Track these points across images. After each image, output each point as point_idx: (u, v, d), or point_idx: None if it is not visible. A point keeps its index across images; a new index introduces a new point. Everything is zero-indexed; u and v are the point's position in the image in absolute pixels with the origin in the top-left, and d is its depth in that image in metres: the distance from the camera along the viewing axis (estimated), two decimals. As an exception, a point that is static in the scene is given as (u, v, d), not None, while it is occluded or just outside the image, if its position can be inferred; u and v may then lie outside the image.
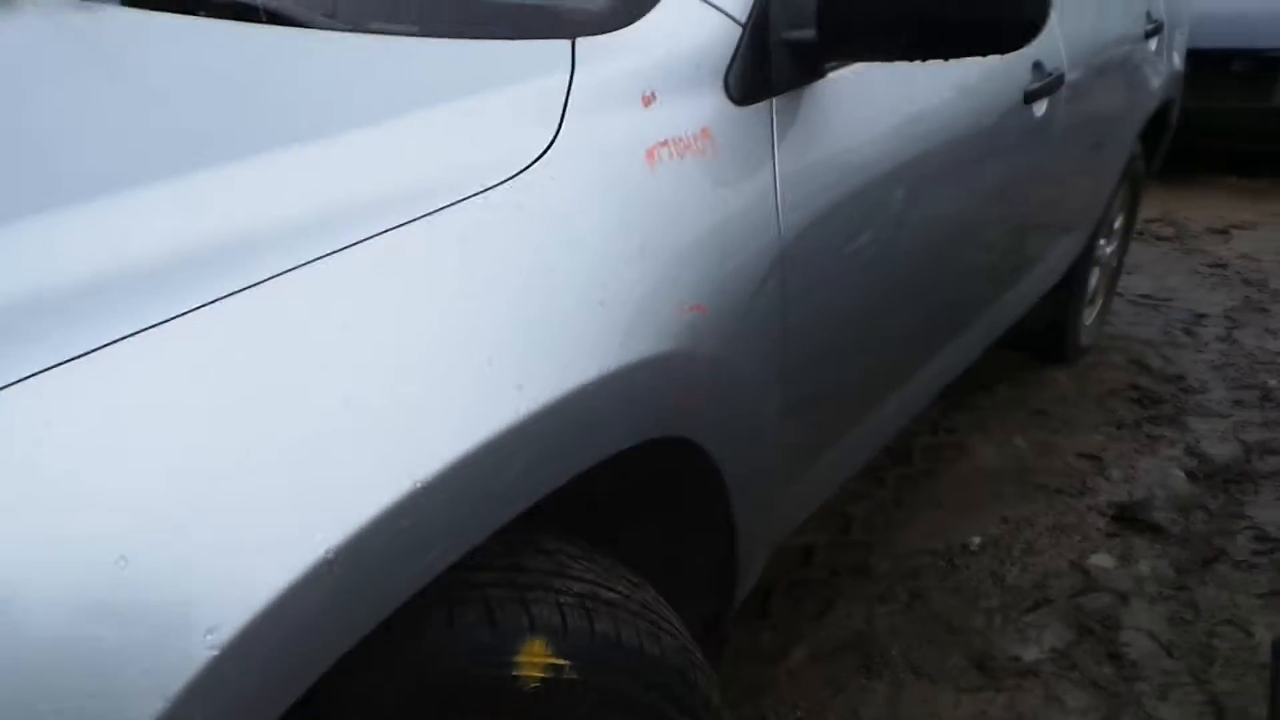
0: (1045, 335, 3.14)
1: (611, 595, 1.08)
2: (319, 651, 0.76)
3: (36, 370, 0.67)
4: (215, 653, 0.67)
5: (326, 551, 0.72)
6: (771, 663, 2.03)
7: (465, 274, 0.90)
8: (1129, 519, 2.48)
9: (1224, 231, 4.84)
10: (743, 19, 1.22)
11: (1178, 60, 3.26)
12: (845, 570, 2.30)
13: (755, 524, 1.39)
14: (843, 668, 2.01)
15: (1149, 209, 5.09)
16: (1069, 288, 2.97)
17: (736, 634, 2.09)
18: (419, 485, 0.79)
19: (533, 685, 0.97)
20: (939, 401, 3.04)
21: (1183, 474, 2.68)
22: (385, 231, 0.86)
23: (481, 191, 0.94)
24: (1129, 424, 2.97)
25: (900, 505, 2.56)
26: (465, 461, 0.82)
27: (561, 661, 0.99)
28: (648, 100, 1.11)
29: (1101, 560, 2.34)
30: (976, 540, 2.41)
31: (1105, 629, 2.11)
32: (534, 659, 0.97)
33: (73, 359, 0.69)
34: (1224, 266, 4.37)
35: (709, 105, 1.17)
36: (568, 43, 1.12)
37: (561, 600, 1.02)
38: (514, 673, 0.96)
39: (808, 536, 2.42)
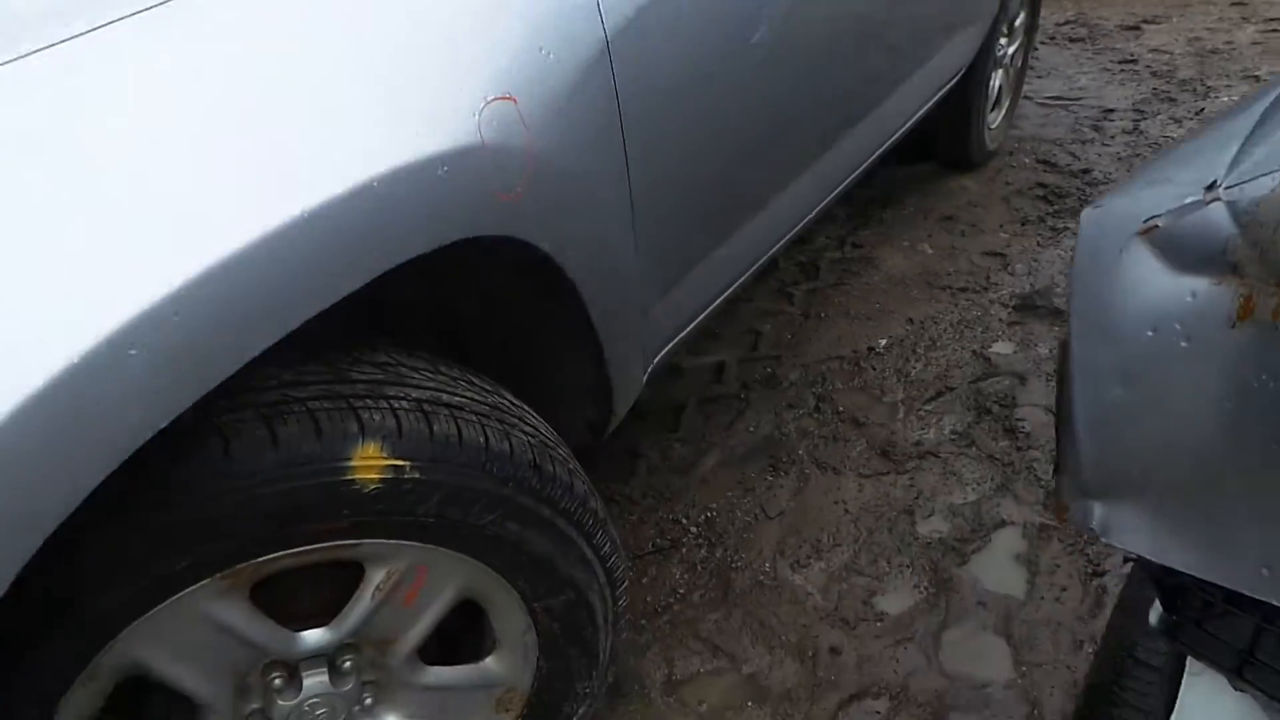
0: (949, 141, 3.08)
1: (455, 399, 1.06)
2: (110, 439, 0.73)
3: None
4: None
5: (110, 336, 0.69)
6: (683, 472, 2.05)
7: (247, 58, 0.84)
8: (1030, 307, 2.50)
9: (1135, 28, 4.73)
10: None
11: None
12: (755, 383, 2.32)
13: (621, 335, 1.37)
14: (751, 470, 2.04)
15: (1062, 11, 4.96)
16: (969, 90, 2.89)
17: (649, 449, 2.12)
18: (190, 282, 0.74)
19: (372, 487, 0.96)
20: (847, 219, 3.03)
21: (1081, 260, 2.69)
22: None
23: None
24: (1033, 220, 2.96)
25: (809, 318, 2.55)
26: (242, 258, 0.78)
27: (400, 462, 0.97)
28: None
29: (1002, 348, 2.37)
30: (883, 342, 2.42)
31: (1002, 408, 2.15)
32: (369, 462, 0.96)
33: None
34: (1134, 62, 4.28)
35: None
36: None
37: (396, 406, 0.99)
38: (349, 477, 0.95)
39: (719, 355, 2.42)
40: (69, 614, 0.89)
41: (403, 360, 1.08)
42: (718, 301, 1.79)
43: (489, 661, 1.23)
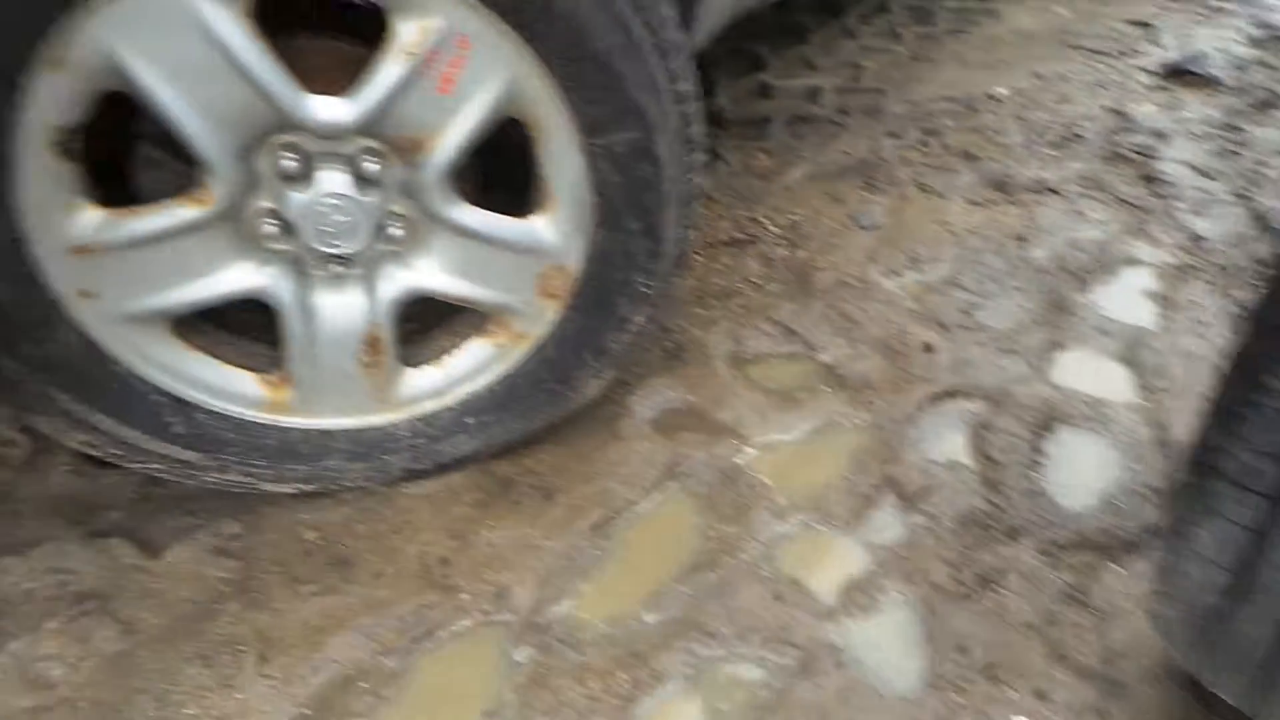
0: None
1: None
2: None
3: None
4: None
5: None
6: (766, 179, 1.81)
7: None
8: (1178, 73, 2.18)
9: None
10: None
11: None
12: (854, 110, 2.04)
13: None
14: (843, 186, 1.79)
15: None
16: None
17: (729, 154, 1.87)
18: None
19: None
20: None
21: (1244, 40, 2.35)
22: None
23: None
24: (1187, -3, 2.59)
25: (919, 60, 2.25)
26: None
27: None
28: None
29: (1143, 108, 2.06)
30: (1003, 91, 2.13)
31: (1142, 158, 1.87)
32: None
33: None
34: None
35: None
36: None
37: None
38: None
39: (812, 78, 2.14)
40: None
41: None
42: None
43: (537, 220, 1.02)
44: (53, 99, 0.76)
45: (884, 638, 1.02)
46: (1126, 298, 1.53)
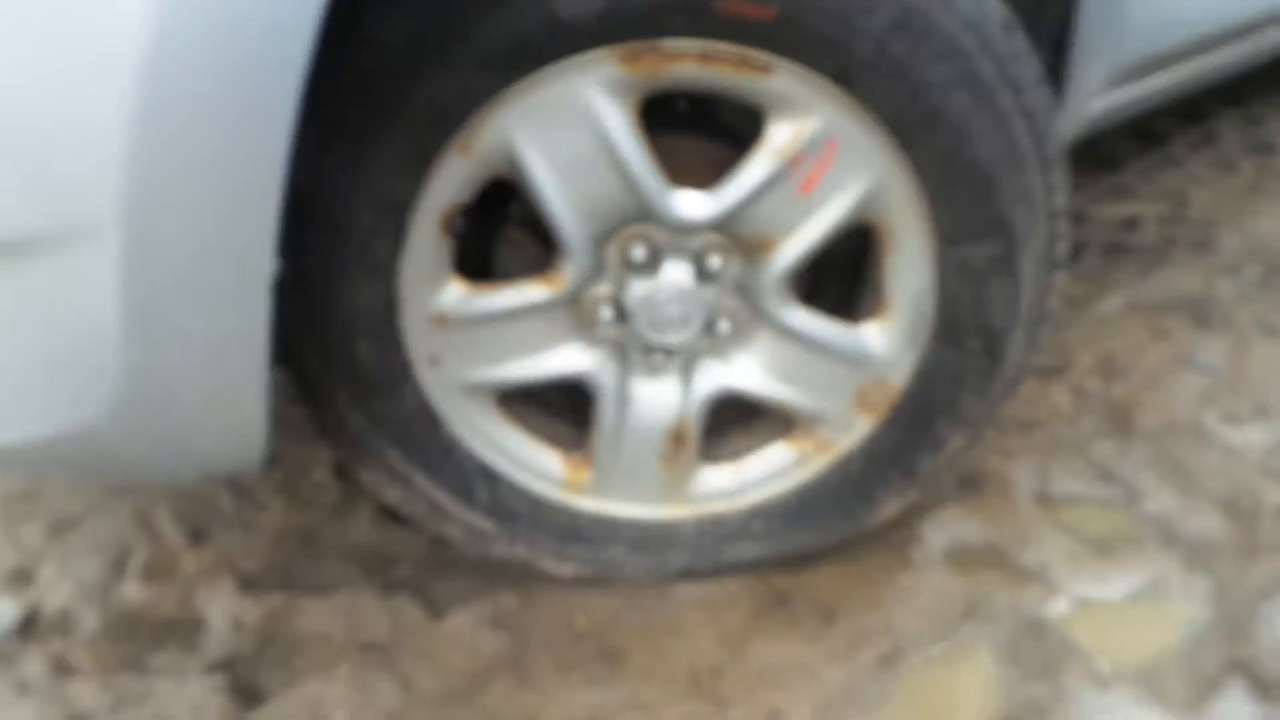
0: None
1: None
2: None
3: None
4: None
5: None
6: (1077, 307, 1.68)
7: None
8: None
9: None
10: None
11: None
12: (1181, 242, 1.87)
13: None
14: (1170, 321, 1.63)
15: None
16: None
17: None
18: None
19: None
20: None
21: None
22: None
23: None
24: None
25: (1258, 192, 2.04)
26: None
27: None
28: None
29: None
30: (1367, 230, 1.87)
31: None
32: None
33: None
34: None
35: None
36: None
37: None
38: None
39: (1131, 205, 1.99)
40: (456, 44, 0.75)
41: None
42: (1199, 64, 1.40)
43: (868, 329, 0.98)
44: (452, 181, 0.83)
45: None
46: None
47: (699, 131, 0.95)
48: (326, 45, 0.66)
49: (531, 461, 1.03)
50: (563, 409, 1.06)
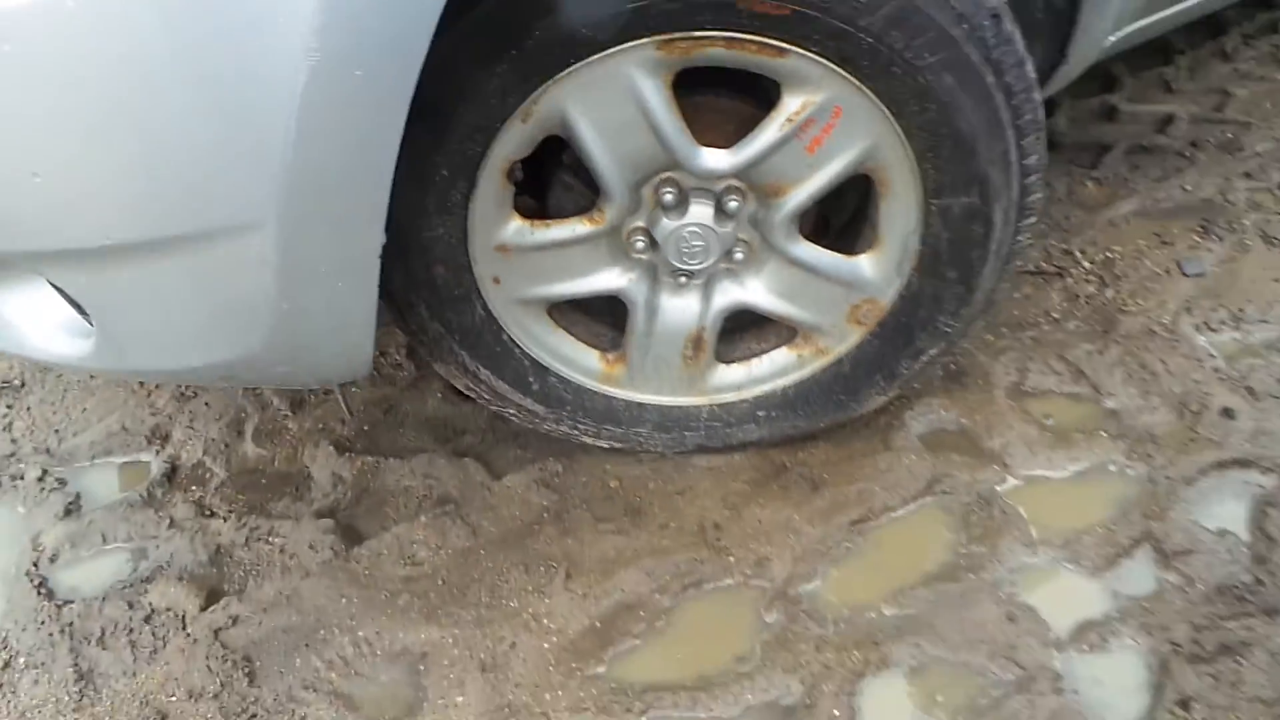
0: None
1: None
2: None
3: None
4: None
5: None
6: (1090, 210, 1.92)
7: None
8: None
9: None
10: None
11: None
12: (1207, 144, 2.07)
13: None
14: (1175, 226, 1.87)
15: None
16: None
17: (1056, 179, 2.00)
18: None
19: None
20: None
21: None
22: None
23: None
24: None
25: (1303, 90, 2.21)
26: None
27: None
28: None
29: None
30: (1399, 134, 2.05)
31: None
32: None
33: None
34: None
35: None
36: None
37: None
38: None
39: (1168, 104, 2.18)
40: (524, 40, 1.02)
41: None
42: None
43: (862, 259, 1.27)
44: (515, 140, 1.11)
45: (1107, 676, 1.19)
46: None
47: (724, 89, 1.21)
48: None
49: (575, 359, 1.35)
50: (602, 314, 1.37)
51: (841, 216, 1.36)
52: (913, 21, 1.03)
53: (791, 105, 1.12)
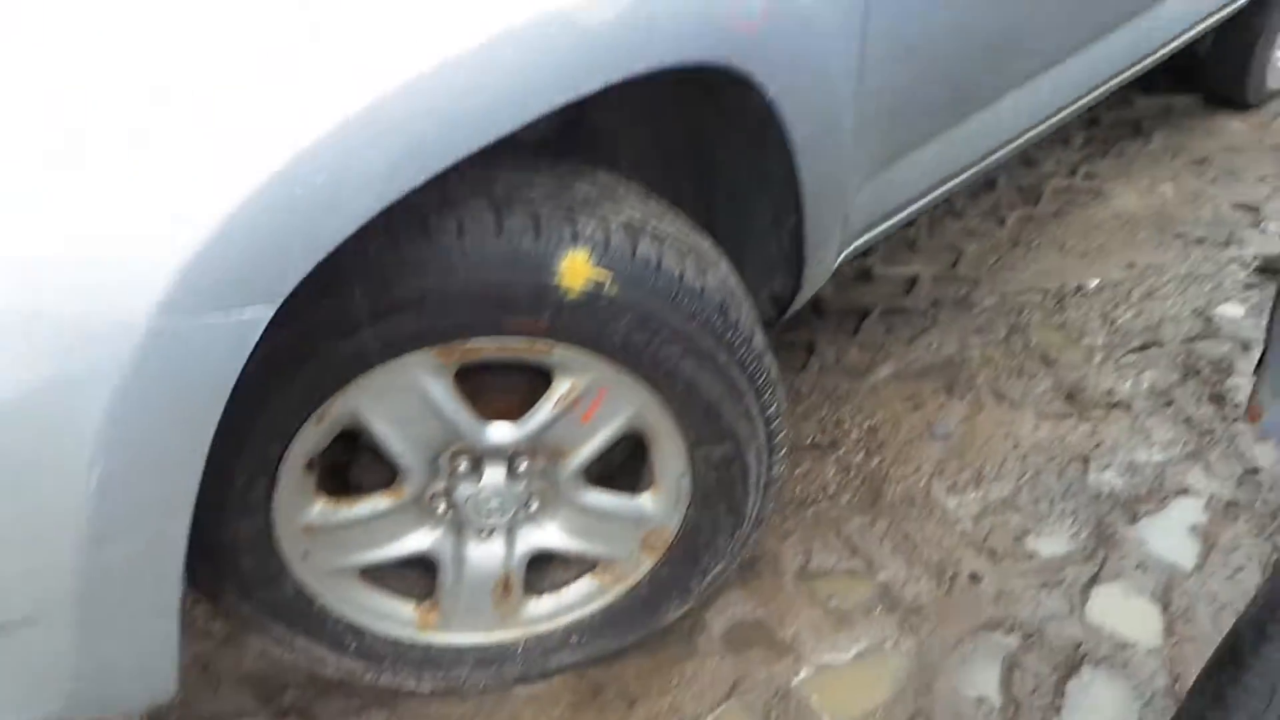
0: (1222, 72, 2.96)
1: (660, 229, 1.20)
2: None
3: None
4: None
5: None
6: (855, 377, 2.16)
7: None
8: (1273, 270, 2.43)
9: None
10: None
11: None
12: (946, 302, 2.38)
13: (826, 205, 1.47)
14: (925, 388, 2.13)
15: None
16: (1260, 14, 2.76)
17: (825, 347, 2.23)
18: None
19: (575, 294, 1.13)
20: (1083, 144, 2.97)
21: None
22: None
23: None
24: (1304, 178, 2.83)
25: (1018, 245, 2.57)
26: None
27: (603, 275, 1.13)
28: None
29: (1230, 310, 2.33)
30: (1094, 283, 2.43)
31: (1215, 373, 2.14)
32: (577, 268, 1.12)
33: None
34: None
35: None
36: None
37: (608, 222, 1.15)
38: (556, 282, 1.11)
39: (913, 267, 2.49)
40: (313, 359, 1.11)
41: (619, 184, 1.23)
42: (925, 200, 1.86)
43: (644, 498, 1.41)
44: (312, 439, 1.19)
45: None
46: (1171, 533, 1.81)
47: (508, 367, 1.33)
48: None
49: (391, 613, 1.42)
50: (413, 561, 1.45)
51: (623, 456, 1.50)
52: (650, 325, 1.19)
53: (562, 388, 1.25)
